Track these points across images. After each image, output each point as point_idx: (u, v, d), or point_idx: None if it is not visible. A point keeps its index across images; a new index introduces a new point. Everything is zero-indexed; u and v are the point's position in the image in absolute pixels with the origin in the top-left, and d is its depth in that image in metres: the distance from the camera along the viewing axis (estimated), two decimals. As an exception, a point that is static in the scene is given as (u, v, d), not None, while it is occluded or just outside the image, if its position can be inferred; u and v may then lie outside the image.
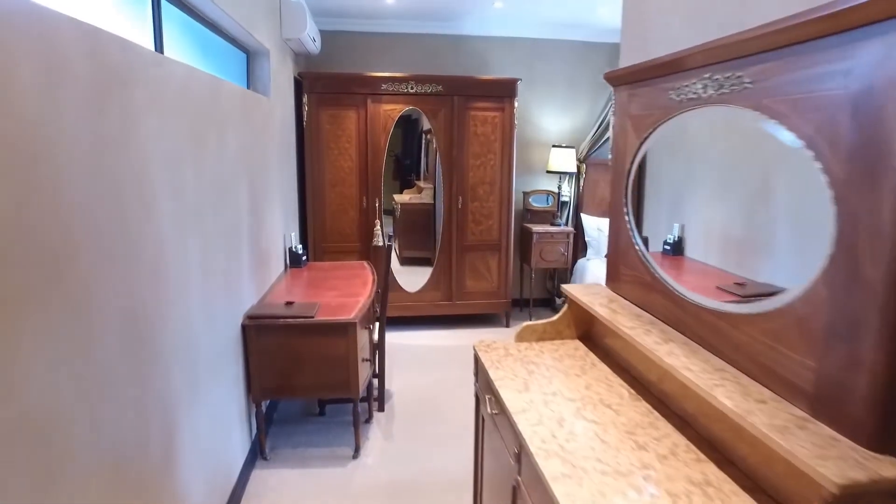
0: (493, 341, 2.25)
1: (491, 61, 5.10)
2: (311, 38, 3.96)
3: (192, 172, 1.95)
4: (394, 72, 4.54)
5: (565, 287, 2.29)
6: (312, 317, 2.70)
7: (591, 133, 5.31)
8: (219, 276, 2.28)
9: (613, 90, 2.09)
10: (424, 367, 4.14)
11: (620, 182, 2.02)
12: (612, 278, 2.21)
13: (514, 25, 4.93)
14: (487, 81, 4.64)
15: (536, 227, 5.12)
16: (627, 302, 2.01)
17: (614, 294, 2.16)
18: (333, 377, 2.75)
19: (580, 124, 5.41)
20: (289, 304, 2.85)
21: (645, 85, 1.84)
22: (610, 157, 2.26)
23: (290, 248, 3.80)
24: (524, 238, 5.19)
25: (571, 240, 5.18)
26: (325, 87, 4.40)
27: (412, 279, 4.91)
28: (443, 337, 4.78)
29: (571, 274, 5.30)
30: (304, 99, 4.35)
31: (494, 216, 4.85)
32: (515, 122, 4.70)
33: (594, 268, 5.13)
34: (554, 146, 5.18)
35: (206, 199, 2.10)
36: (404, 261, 5.48)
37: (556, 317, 2.29)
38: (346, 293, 3.17)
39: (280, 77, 3.65)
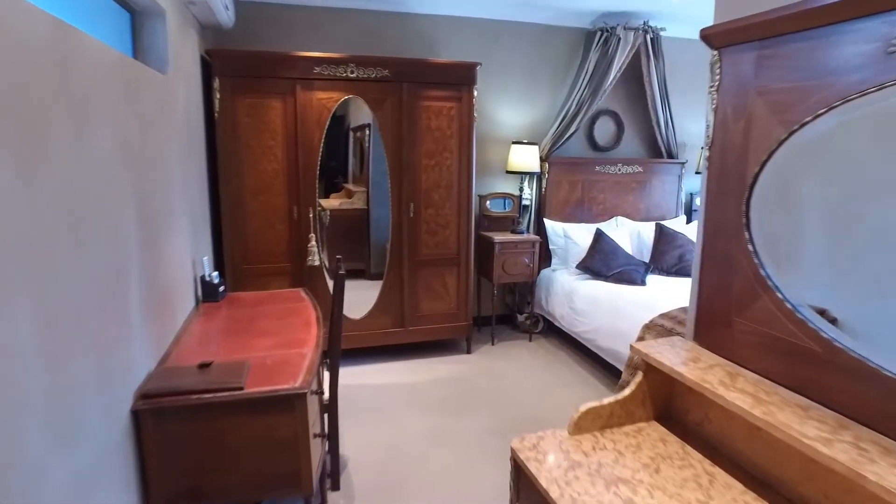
0: (541, 436, 1.53)
1: (441, 45, 4.38)
2: (222, 5, 3.07)
3: (10, 189, 1.09)
4: (328, 52, 3.70)
5: (638, 346, 1.61)
6: (241, 387, 1.87)
7: (554, 128, 4.71)
8: (83, 349, 1.41)
9: (718, 55, 1.43)
10: (381, 415, 3.35)
11: (733, 193, 1.37)
12: (709, 333, 1.54)
13: (468, 3, 4.23)
14: (443, 65, 3.90)
15: (497, 236, 4.45)
16: (749, 372, 1.37)
17: (716, 357, 1.50)
18: (275, 470, 1.93)
19: (541, 118, 4.80)
20: (203, 365, 1.99)
21: (805, 39, 1.18)
22: (706, 153, 1.60)
23: (203, 278, 2.90)
24: (483, 249, 4.51)
25: (537, 249, 4.55)
26: (241, 68, 3.49)
27: (353, 300, 4.08)
28: (397, 372, 4.00)
29: (535, 286, 4.68)
30: (215, 84, 3.42)
31: (452, 225, 4.13)
32: (475, 115, 4.01)
33: (562, 279, 4.54)
34: (514, 143, 4.53)
35: (47, 233, 1.23)
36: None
37: (625, 393, 1.61)
38: (284, 341, 2.33)
39: (182, 50, 2.74)
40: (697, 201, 5.58)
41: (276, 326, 2.53)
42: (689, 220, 5.25)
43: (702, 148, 5.33)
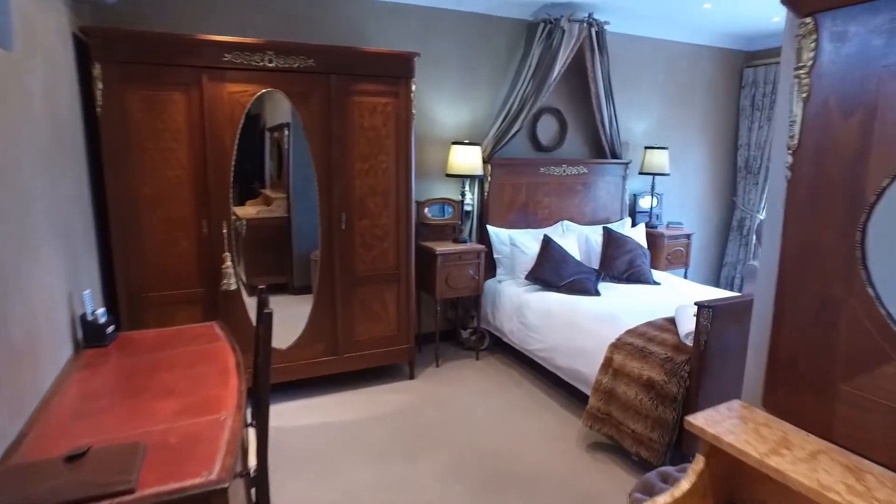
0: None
1: (372, 33, 3.89)
2: (100, -29, 2.44)
3: None
4: (242, 37, 3.13)
5: (693, 420, 1.21)
6: (132, 489, 1.32)
7: (496, 127, 4.35)
8: None
9: (812, 24, 1.06)
10: (319, 465, 2.83)
11: (838, 214, 1.00)
12: (793, 400, 1.17)
13: (401, -14, 3.78)
14: (377, 55, 3.42)
15: (439, 247, 4.02)
16: (876, 465, 1.01)
17: (808, 435, 1.13)
18: None
19: (482, 116, 4.42)
20: (74, 457, 1.41)
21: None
22: (789, 153, 1.24)
23: (84, 317, 2.26)
24: (424, 261, 4.06)
25: (483, 259, 4.17)
26: (131, 53, 2.85)
27: (278, 322, 3.51)
28: (334, 407, 3.48)
29: (480, 300, 4.29)
30: (96, 70, 2.76)
31: (391, 237, 3.66)
32: (414, 112, 3.56)
33: (510, 291, 4.19)
34: (455, 143, 4.12)
35: None
36: (253, 291, 4.06)
37: (683, 487, 1.20)
38: (195, 402, 1.78)
39: (38, 22, 2.10)
40: (642, 203, 5.48)
41: (183, 380, 1.96)
42: (634, 223, 5.06)
43: (645, 147, 5.23)
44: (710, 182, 5.82)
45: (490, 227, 4.42)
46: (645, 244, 4.79)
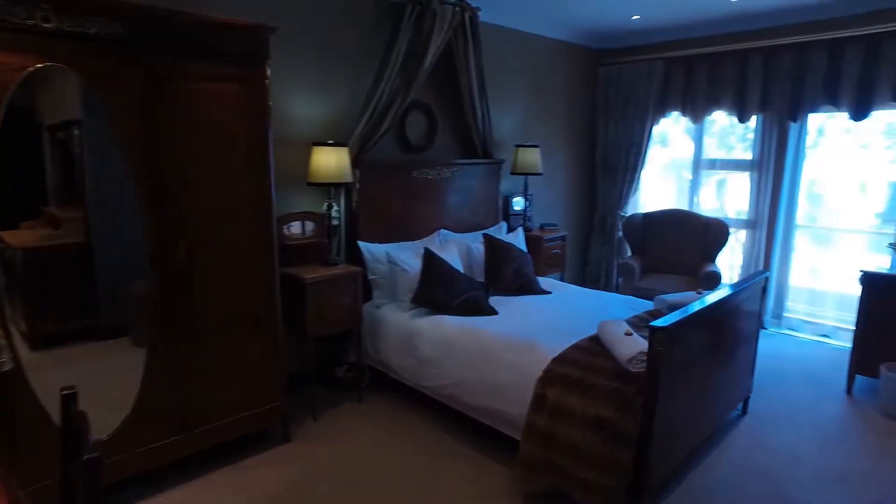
0: None
1: (210, 2, 2.94)
2: None
3: None
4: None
5: None
6: None
7: (362, 124, 3.65)
8: None
9: None
10: None
11: None
12: None
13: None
14: (220, 26, 2.51)
15: (307, 273, 3.23)
16: None
17: None
18: None
19: (344, 112, 3.69)
20: None
21: None
22: None
23: None
24: (290, 293, 3.22)
25: (360, 284, 3.46)
26: None
27: (90, 388, 2.46)
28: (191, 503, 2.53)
29: (358, 333, 3.57)
30: None
31: (249, 267, 2.79)
32: (270, 104, 2.72)
33: (394, 318, 3.55)
34: (317, 144, 3.35)
35: None
36: (42, 342, 2.88)
37: None
38: None
39: None
40: (515, 205, 5.17)
41: None
42: (509, 228, 4.72)
43: (517, 146, 4.91)
44: (573, 180, 5.75)
45: (362, 244, 3.71)
46: (525, 249, 4.47)
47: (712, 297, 2.76)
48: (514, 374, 2.81)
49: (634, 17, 4.59)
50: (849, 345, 4.50)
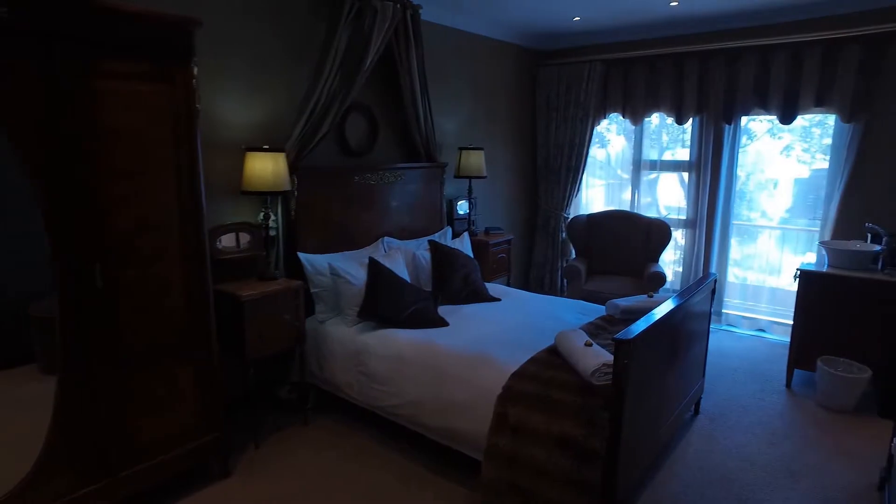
0: None
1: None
2: None
3: None
4: None
5: None
6: None
7: (299, 127, 3.41)
8: None
9: None
10: None
11: None
12: None
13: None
14: (135, 16, 2.20)
15: (243, 290, 2.97)
16: None
17: None
18: None
19: (279, 114, 3.44)
20: None
21: None
22: None
23: None
24: (225, 313, 2.95)
25: (302, 299, 3.22)
26: None
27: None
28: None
29: (301, 351, 3.33)
30: None
31: (178, 288, 2.51)
32: (198, 107, 2.45)
33: (340, 334, 3.35)
34: (250, 150, 3.08)
35: None
36: None
37: None
38: None
39: None
40: (460, 209, 5.04)
41: None
42: (454, 233, 4.59)
43: (460, 148, 4.77)
44: (516, 182, 5.70)
45: (303, 255, 3.47)
46: (472, 255, 4.35)
47: (668, 304, 2.72)
48: (472, 391, 2.68)
49: (575, 19, 4.57)
50: (783, 338, 4.70)
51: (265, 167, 3.05)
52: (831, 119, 4.77)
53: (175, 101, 2.36)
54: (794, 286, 3.77)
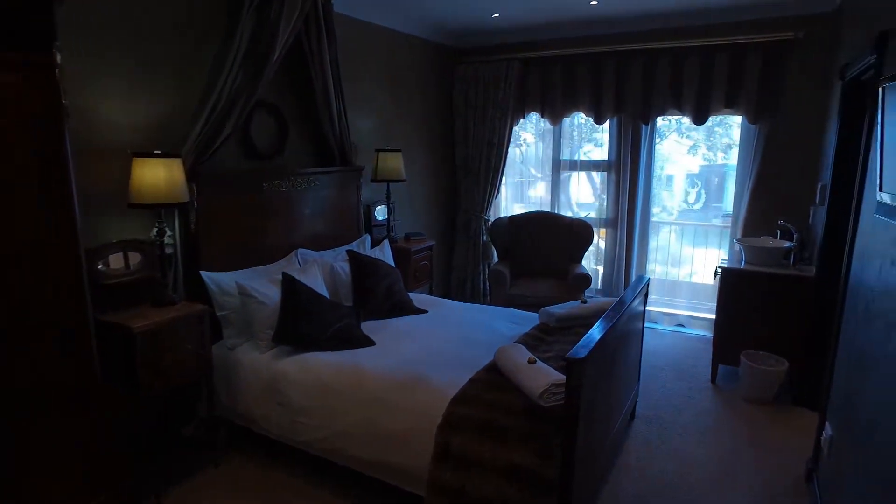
0: None
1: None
2: None
3: None
4: None
5: None
6: None
7: (198, 128, 2.99)
8: None
9: None
10: None
11: None
12: None
13: None
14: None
15: (137, 320, 2.54)
16: None
17: None
18: None
19: (173, 114, 2.99)
20: None
21: None
22: None
23: None
24: (113, 346, 2.50)
25: (208, 324, 2.82)
26: None
27: None
28: None
29: (209, 383, 2.92)
30: None
31: (49, 322, 2.05)
32: (65, 103, 2.01)
33: (252, 361, 2.99)
34: (138, 155, 2.64)
35: None
36: None
37: None
38: None
39: None
40: (378, 214, 4.74)
41: None
42: (373, 241, 4.31)
43: (377, 150, 4.46)
44: (434, 184, 5.49)
45: (206, 274, 3.05)
46: (393, 263, 4.10)
47: (611, 312, 2.61)
48: (408, 419, 2.43)
49: (494, 16, 4.42)
50: (702, 332, 4.83)
51: (157, 175, 2.62)
52: (732, 119, 4.96)
53: (32, 95, 1.91)
54: (709, 280, 3.85)
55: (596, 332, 2.29)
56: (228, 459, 2.99)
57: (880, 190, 1.77)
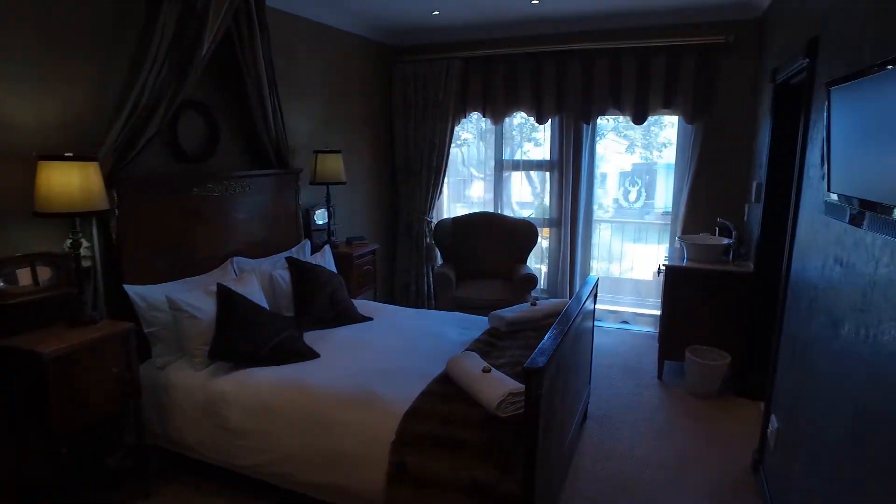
0: None
1: None
2: None
3: None
4: None
5: None
6: None
7: (118, 128, 2.72)
8: None
9: None
10: None
11: None
12: None
13: None
14: None
15: (46, 344, 2.27)
16: None
17: None
18: None
19: (87, 112, 2.71)
20: None
21: None
22: None
23: None
24: (18, 376, 2.23)
25: (134, 342, 2.58)
26: None
27: None
28: None
29: (136, 407, 2.67)
30: None
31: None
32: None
33: (187, 381, 2.78)
34: (45, 159, 2.36)
35: None
36: None
37: None
38: None
39: None
40: (318, 218, 4.53)
41: None
42: (314, 247, 4.12)
43: (315, 152, 4.26)
44: (376, 186, 5.33)
45: (131, 289, 2.79)
46: (336, 270, 3.93)
47: (565, 316, 2.56)
48: (360, 438, 2.29)
49: (434, 13, 4.32)
50: (646, 329, 4.92)
51: (69, 181, 2.35)
52: (667, 119, 5.08)
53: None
54: (651, 276, 3.90)
55: (552, 339, 2.22)
56: (161, 490, 2.74)
57: (828, 191, 1.79)
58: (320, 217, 4.39)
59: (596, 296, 3.35)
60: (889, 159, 1.36)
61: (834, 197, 1.77)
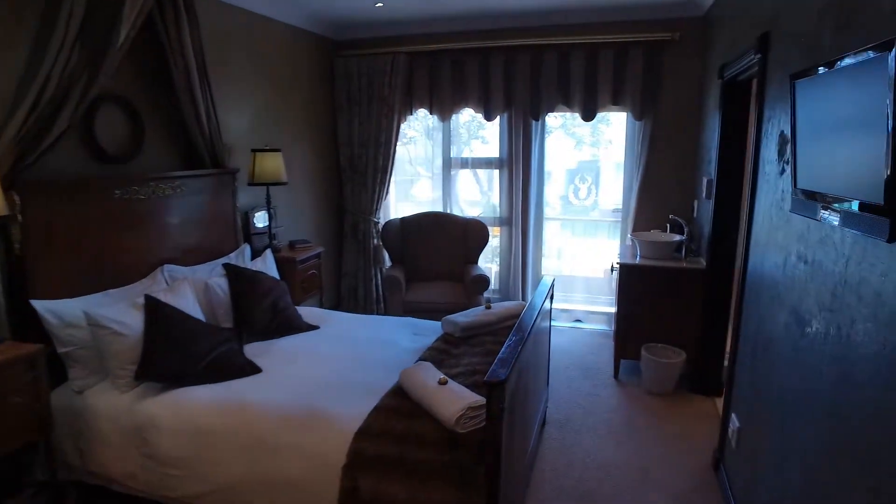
0: None
1: None
2: None
3: None
4: None
5: None
6: None
7: (17, 122, 2.39)
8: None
9: None
10: None
11: None
12: None
13: None
14: None
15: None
16: None
17: None
18: None
19: (-18, 106, 2.38)
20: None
21: None
22: None
23: None
24: None
25: (44, 366, 2.28)
26: None
27: None
28: None
29: (48, 440, 2.36)
30: None
31: None
32: None
33: (109, 408, 2.50)
34: (-69, 159, 2.04)
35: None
36: None
37: None
38: None
39: None
40: (258, 221, 4.25)
41: None
42: (254, 252, 3.85)
43: (254, 151, 3.98)
44: (320, 186, 5.08)
45: (40, 304, 2.47)
46: (278, 276, 3.69)
47: (524, 320, 2.44)
48: (308, 462, 2.10)
49: (378, 5, 4.12)
50: (599, 327, 4.88)
51: (-40, 184, 2.04)
52: (614, 116, 5.06)
53: None
54: (602, 274, 3.86)
55: (512, 347, 2.09)
56: (82, 528, 2.45)
57: (795, 186, 1.73)
58: (260, 220, 4.13)
59: (552, 297, 3.25)
60: (864, 154, 1.28)
61: (800, 193, 1.71)
